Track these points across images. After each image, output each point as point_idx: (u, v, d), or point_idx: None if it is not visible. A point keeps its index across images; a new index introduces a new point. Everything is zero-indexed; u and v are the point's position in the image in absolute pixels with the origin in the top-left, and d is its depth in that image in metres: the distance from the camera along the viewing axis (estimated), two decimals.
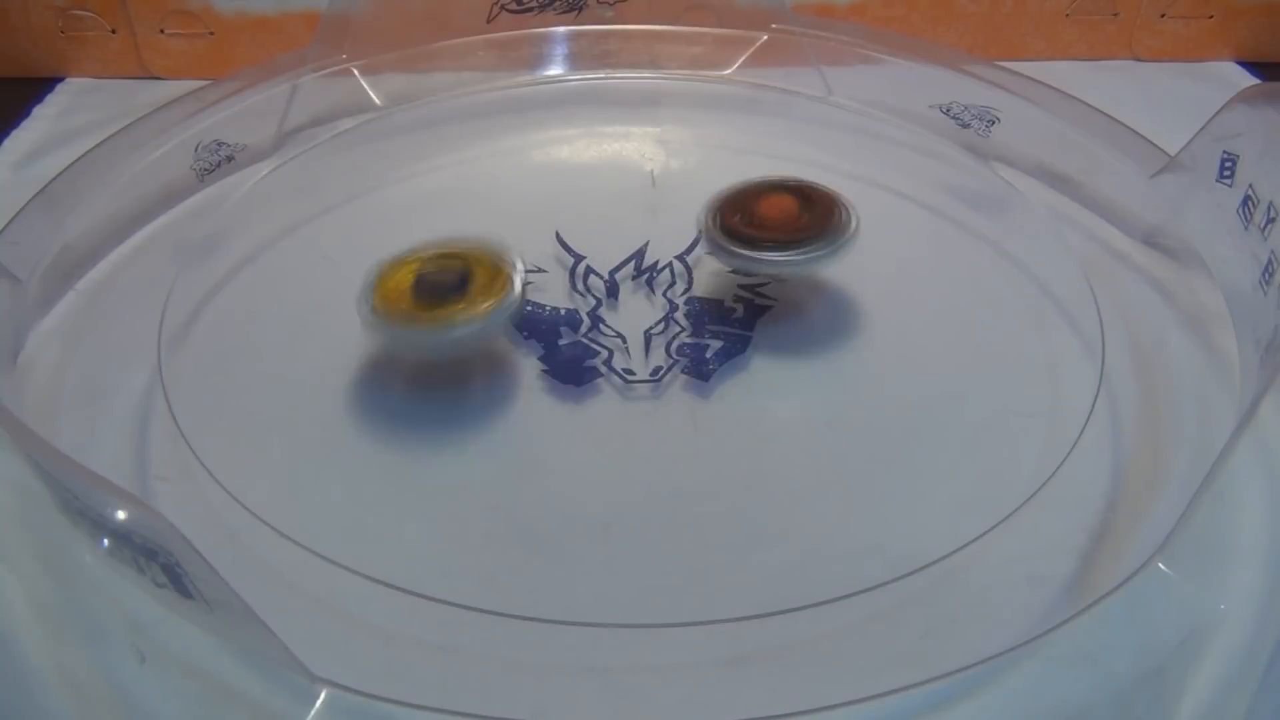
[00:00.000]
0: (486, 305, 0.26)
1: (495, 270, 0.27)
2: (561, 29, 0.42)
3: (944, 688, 0.21)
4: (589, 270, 0.32)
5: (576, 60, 0.42)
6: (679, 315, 0.30)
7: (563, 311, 0.30)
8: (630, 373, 0.28)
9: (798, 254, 0.28)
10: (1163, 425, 0.27)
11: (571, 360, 0.29)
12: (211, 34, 0.43)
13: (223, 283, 0.32)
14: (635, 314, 0.30)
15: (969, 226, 0.35)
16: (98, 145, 0.33)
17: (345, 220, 0.35)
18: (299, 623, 0.21)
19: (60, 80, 0.44)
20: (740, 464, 0.26)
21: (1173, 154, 0.31)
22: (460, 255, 0.28)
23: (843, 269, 0.32)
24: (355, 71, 0.40)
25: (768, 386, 0.28)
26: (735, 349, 0.29)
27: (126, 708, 0.20)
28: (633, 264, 0.32)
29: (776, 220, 0.29)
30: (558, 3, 0.41)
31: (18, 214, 0.30)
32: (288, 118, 0.38)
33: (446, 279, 0.27)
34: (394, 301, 0.27)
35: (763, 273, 0.30)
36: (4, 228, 0.29)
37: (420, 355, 0.28)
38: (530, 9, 0.41)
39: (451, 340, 0.26)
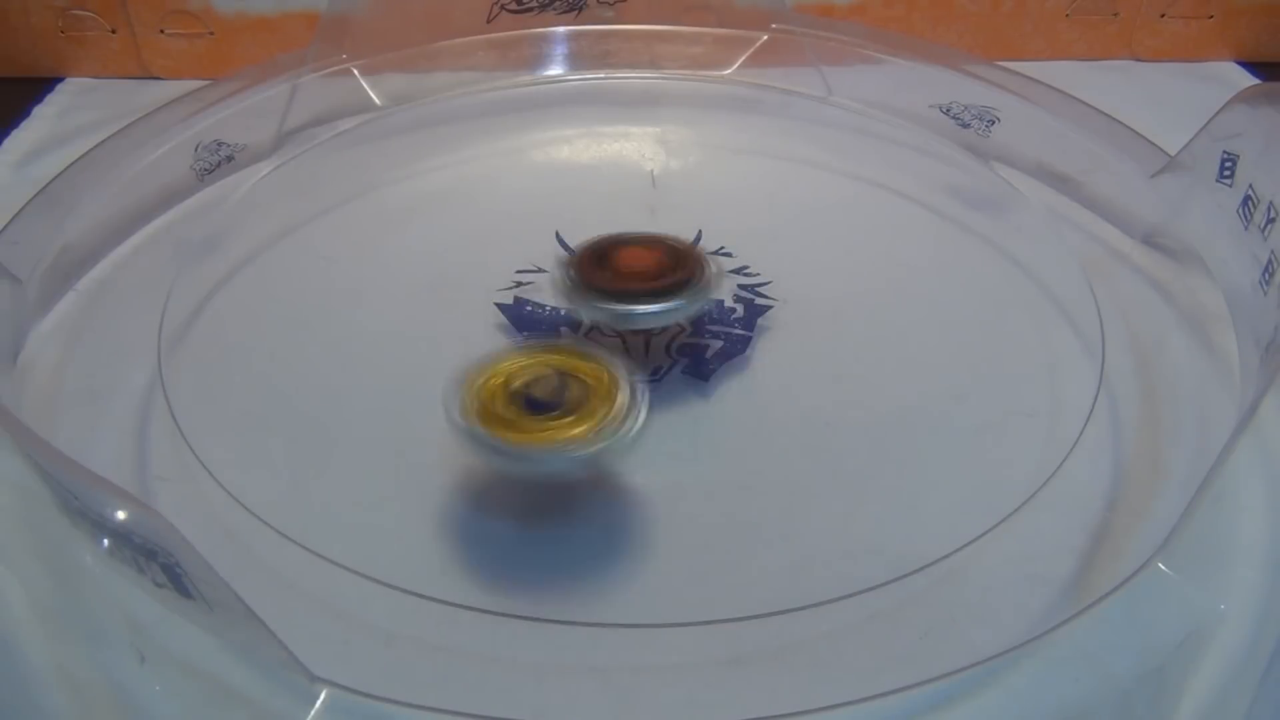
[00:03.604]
0: (600, 423, 0.23)
1: (597, 380, 0.24)
2: (561, 29, 0.42)
3: (944, 688, 0.21)
4: None
5: (576, 60, 0.42)
6: None
7: (563, 311, 0.30)
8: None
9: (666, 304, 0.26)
10: (1163, 425, 0.27)
11: None
12: (211, 34, 0.43)
13: (223, 283, 0.32)
14: None
15: (969, 226, 0.35)
16: (98, 145, 0.33)
17: (345, 220, 0.35)
18: (299, 623, 0.21)
19: (60, 80, 0.44)
20: (740, 464, 0.26)
21: (1173, 154, 0.31)
22: (551, 363, 0.25)
23: (843, 269, 0.32)
24: (355, 71, 0.40)
25: (768, 386, 0.28)
26: (735, 349, 0.29)
27: (126, 708, 0.20)
28: None
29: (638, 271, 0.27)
30: (558, 3, 0.41)
31: (18, 214, 0.30)
32: (288, 118, 0.38)
33: (550, 392, 0.24)
34: (491, 411, 0.24)
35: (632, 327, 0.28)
36: (4, 228, 0.29)
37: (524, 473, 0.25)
38: (530, 9, 0.41)
39: (576, 461, 0.23)
